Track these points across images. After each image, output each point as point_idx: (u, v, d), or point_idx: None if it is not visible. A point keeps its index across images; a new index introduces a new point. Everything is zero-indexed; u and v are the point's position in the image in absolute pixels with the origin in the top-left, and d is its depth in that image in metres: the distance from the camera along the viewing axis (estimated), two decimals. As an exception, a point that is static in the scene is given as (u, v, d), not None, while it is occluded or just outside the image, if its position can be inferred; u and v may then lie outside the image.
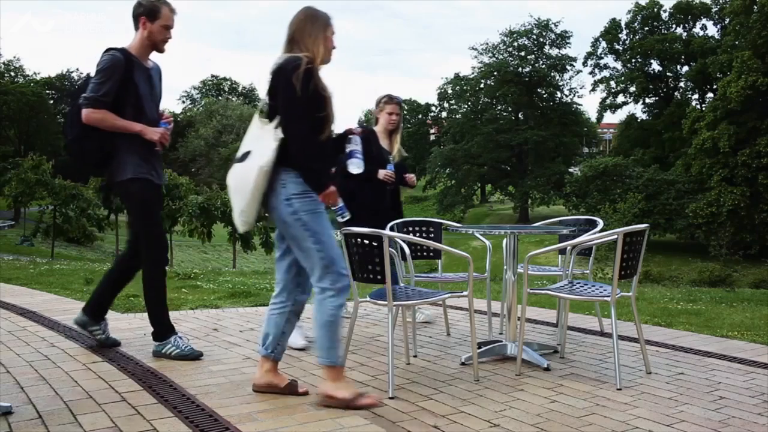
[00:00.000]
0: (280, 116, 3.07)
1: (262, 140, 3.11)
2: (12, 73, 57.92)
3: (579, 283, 4.09)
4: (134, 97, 3.77)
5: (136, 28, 3.84)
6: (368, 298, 3.67)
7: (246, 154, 3.15)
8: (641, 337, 3.83)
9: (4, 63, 56.29)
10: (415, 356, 4.15)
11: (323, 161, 3.15)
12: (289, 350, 4.29)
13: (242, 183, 3.09)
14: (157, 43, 3.85)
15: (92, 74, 3.81)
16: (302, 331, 4.39)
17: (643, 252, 3.76)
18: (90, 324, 4.09)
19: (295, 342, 4.27)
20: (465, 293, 3.69)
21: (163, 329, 3.94)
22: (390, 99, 5.19)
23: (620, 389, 3.45)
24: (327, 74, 4.04)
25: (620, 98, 52.80)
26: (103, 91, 3.69)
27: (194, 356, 3.88)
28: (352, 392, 3.14)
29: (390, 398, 3.29)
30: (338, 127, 3.97)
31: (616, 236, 3.51)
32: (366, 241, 3.44)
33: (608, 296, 3.62)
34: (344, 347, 3.66)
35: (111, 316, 5.47)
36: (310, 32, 3.14)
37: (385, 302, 3.48)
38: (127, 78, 3.76)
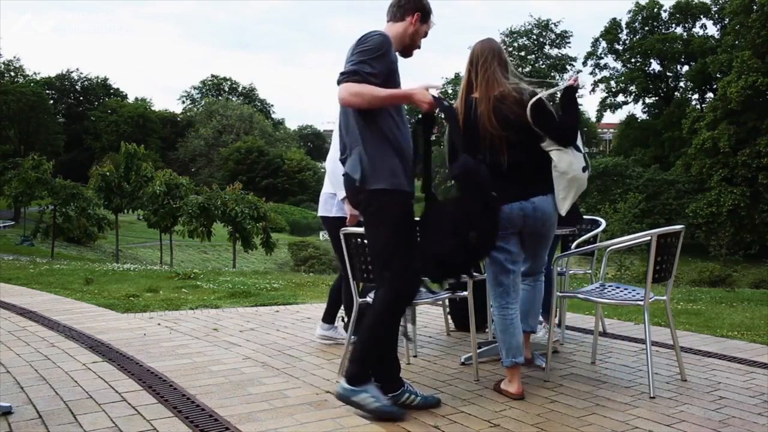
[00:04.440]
0: None
1: None
2: (12, 73, 57.95)
3: (611, 286, 3.93)
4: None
5: (400, 18, 3.16)
6: (368, 298, 3.67)
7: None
8: (676, 344, 3.69)
9: (4, 63, 56.33)
10: (415, 356, 4.15)
11: None
12: (291, 350, 4.29)
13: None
14: (413, 45, 3.21)
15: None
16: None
17: (678, 254, 3.59)
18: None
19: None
20: (465, 293, 3.70)
21: (362, 372, 3.10)
22: None
23: (620, 389, 3.45)
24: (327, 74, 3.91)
25: (620, 98, 52.87)
26: (369, 70, 2.89)
27: (397, 415, 3.03)
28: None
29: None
30: None
31: (649, 238, 3.37)
32: (366, 241, 3.43)
33: (641, 300, 3.46)
34: (344, 347, 3.67)
35: (110, 316, 5.49)
36: None
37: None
38: (392, 70, 3.02)
